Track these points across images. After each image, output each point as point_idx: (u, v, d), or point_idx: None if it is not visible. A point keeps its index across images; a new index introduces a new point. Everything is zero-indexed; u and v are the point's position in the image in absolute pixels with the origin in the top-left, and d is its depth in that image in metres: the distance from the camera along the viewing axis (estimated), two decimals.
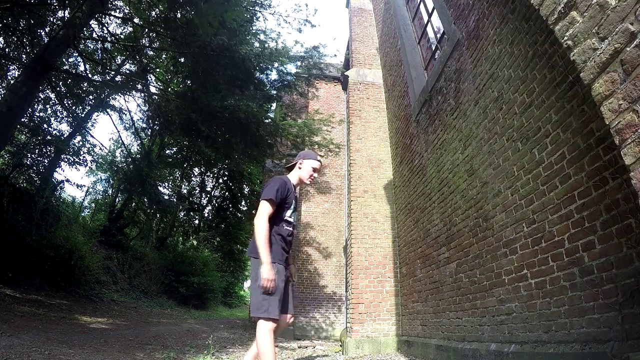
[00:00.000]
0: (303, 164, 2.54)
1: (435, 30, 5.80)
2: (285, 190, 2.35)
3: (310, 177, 2.53)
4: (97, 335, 4.92)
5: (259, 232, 2.14)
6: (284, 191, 2.34)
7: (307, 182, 2.56)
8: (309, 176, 2.53)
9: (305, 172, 2.52)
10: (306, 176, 2.52)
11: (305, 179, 2.53)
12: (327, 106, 11.61)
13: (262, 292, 2.10)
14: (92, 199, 21.23)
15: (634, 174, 0.96)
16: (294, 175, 2.56)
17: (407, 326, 5.19)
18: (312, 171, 2.53)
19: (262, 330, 2.11)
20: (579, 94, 2.20)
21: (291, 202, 2.42)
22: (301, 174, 2.54)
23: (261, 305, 2.10)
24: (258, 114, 7.50)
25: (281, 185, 2.33)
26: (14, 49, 8.38)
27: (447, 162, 4.26)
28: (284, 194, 2.33)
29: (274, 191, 2.27)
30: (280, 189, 2.30)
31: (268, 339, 2.09)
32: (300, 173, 2.54)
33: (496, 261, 3.05)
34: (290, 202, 2.40)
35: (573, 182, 2.23)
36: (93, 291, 9.49)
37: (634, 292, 1.73)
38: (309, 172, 2.52)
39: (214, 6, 5.39)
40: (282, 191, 2.32)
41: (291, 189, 2.44)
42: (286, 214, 2.39)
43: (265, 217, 2.20)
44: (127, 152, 13.53)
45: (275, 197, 2.25)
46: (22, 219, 8.46)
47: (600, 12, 1.08)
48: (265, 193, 2.28)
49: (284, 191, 2.34)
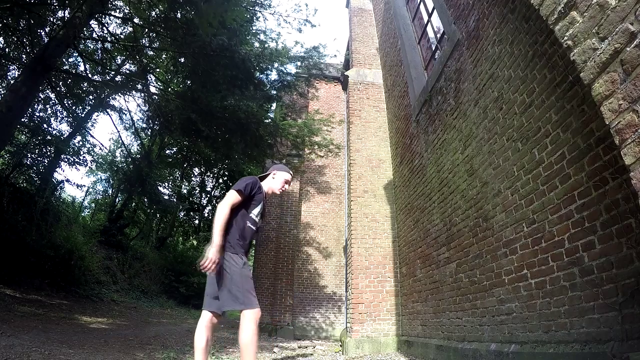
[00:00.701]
0: (276, 175, 2.71)
1: (435, 30, 5.80)
2: (256, 187, 2.49)
3: (281, 188, 2.69)
4: (97, 335, 4.92)
5: (217, 216, 2.26)
6: (254, 188, 2.47)
7: (277, 193, 2.72)
8: (280, 187, 2.68)
9: (278, 182, 2.68)
10: (278, 186, 2.68)
11: (277, 189, 2.69)
12: (327, 106, 11.61)
13: (238, 286, 2.22)
14: (92, 199, 21.24)
15: (634, 174, 0.96)
16: (266, 184, 2.69)
17: (407, 326, 5.19)
18: (284, 183, 2.69)
19: (255, 321, 2.21)
20: (579, 94, 2.20)
21: (259, 201, 2.53)
22: (273, 185, 2.70)
23: (246, 299, 2.21)
24: (258, 114, 7.50)
25: (253, 182, 2.48)
26: (14, 49, 8.38)
27: (447, 162, 4.26)
28: (253, 190, 2.46)
29: (244, 184, 2.40)
30: (251, 185, 2.44)
31: (256, 330, 2.22)
32: (273, 183, 2.70)
33: (496, 261, 3.05)
34: (258, 200, 2.52)
35: (573, 182, 2.23)
36: (93, 291, 9.49)
37: (634, 292, 1.73)
38: (281, 184, 2.68)
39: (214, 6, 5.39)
40: (252, 187, 2.45)
41: (262, 190, 2.57)
42: (253, 211, 2.50)
43: (229, 205, 2.30)
44: (127, 152, 13.54)
45: (244, 189, 2.38)
46: (22, 219, 8.45)
47: (600, 12, 1.08)
48: (235, 185, 2.42)
49: (254, 188, 2.47)
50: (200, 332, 2.27)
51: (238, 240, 2.35)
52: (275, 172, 2.71)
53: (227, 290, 2.22)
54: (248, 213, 2.45)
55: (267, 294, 9.63)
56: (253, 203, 2.48)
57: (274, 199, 10.96)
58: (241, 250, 2.36)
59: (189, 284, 14.53)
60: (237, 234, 2.36)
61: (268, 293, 9.59)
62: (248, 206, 2.46)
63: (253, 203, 2.48)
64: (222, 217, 2.25)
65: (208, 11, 5.36)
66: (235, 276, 2.24)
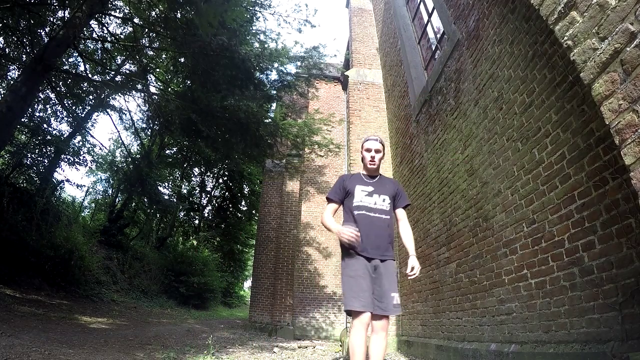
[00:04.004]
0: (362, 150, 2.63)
1: (435, 30, 5.80)
2: (341, 183, 2.53)
3: (369, 161, 2.45)
4: (97, 335, 4.92)
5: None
6: (339, 184, 2.53)
7: (369, 167, 2.47)
8: (366, 160, 2.46)
9: (364, 157, 2.50)
10: (366, 160, 2.47)
11: (367, 163, 2.47)
12: (327, 106, 11.60)
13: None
14: (92, 199, 21.21)
15: (634, 174, 0.96)
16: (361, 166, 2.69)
17: (407, 326, 5.18)
18: (365, 152, 2.48)
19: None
20: (579, 94, 2.20)
21: (352, 188, 2.48)
22: (363, 162, 2.55)
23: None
24: (258, 114, 7.50)
25: (336, 183, 2.55)
26: (14, 49, 8.37)
27: (447, 162, 4.26)
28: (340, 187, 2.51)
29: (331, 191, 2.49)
30: (335, 186, 2.53)
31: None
32: (363, 161, 2.58)
33: (496, 261, 3.05)
34: (352, 188, 2.51)
35: (573, 182, 2.23)
36: (93, 291, 9.49)
37: (634, 292, 1.73)
38: (365, 156, 2.47)
39: (214, 6, 5.38)
40: (336, 186, 2.52)
41: (349, 178, 2.56)
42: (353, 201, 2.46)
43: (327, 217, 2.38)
44: (127, 152, 13.54)
45: (329, 195, 2.48)
46: (22, 219, 8.45)
47: (600, 12, 1.08)
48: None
49: (339, 184, 2.53)
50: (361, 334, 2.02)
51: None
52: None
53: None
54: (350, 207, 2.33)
55: (267, 294, 9.63)
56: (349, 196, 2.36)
57: (274, 199, 10.97)
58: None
59: (189, 284, 14.52)
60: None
61: (268, 293, 9.59)
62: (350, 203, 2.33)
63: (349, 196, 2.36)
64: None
65: (208, 11, 5.35)
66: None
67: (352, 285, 2.07)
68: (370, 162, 2.40)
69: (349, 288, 2.07)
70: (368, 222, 2.21)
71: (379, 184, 2.39)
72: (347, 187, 2.36)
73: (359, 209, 2.26)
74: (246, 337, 7.02)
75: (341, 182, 2.42)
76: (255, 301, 9.83)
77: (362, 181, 2.39)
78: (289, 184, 10.39)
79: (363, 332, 1.98)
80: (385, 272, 2.14)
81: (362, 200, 2.28)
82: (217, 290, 17.44)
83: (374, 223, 2.22)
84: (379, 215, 2.25)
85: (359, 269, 2.10)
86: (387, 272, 2.15)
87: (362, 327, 1.98)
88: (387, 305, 2.06)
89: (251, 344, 5.79)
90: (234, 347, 5.17)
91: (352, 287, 2.06)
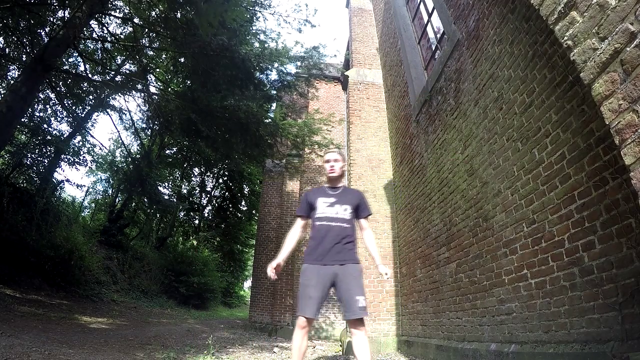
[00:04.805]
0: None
1: (435, 30, 5.80)
2: (305, 198, 2.72)
3: (328, 171, 2.61)
4: (97, 335, 4.92)
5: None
6: (303, 199, 2.71)
7: (330, 177, 2.62)
8: (326, 170, 2.62)
9: (325, 168, 2.67)
10: (326, 171, 2.64)
11: (327, 173, 2.63)
12: (327, 106, 11.60)
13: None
14: (92, 199, 21.22)
15: (634, 174, 0.96)
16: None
17: (407, 326, 5.19)
18: (325, 163, 2.65)
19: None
20: (579, 94, 2.20)
21: (314, 200, 2.66)
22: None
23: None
24: (258, 114, 7.50)
25: (302, 197, 2.73)
26: (14, 49, 8.37)
27: (447, 162, 4.26)
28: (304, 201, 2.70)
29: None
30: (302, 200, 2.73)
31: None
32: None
33: (496, 261, 3.05)
34: (313, 201, 2.68)
35: (573, 182, 2.23)
36: (93, 291, 9.49)
37: (634, 292, 1.73)
38: (325, 168, 2.63)
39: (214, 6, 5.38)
40: (302, 201, 2.71)
41: (313, 192, 2.74)
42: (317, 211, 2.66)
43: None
44: (127, 152, 13.54)
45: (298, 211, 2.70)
46: (22, 219, 8.45)
47: (600, 12, 1.08)
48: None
49: (303, 199, 2.71)
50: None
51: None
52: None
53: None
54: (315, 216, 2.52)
55: (267, 294, 9.63)
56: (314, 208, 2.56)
57: (274, 199, 10.97)
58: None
59: (189, 284, 14.52)
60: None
61: (268, 293, 9.59)
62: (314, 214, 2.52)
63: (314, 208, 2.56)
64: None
65: (208, 11, 5.35)
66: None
67: (303, 293, 2.29)
68: (330, 171, 2.55)
69: (300, 295, 2.32)
70: (328, 231, 2.37)
71: (342, 194, 2.54)
72: (310, 201, 2.54)
73: (320, 220, 2.43)
74: (246, 337, 7.02)
75: (305, 198, 2.60)
76: (255, 301, 9.83)
77: (324, 193, 2.55)
78: (289, 184, 10.39)
79: (300, 334, 2.24)
80: (345, 276, 2.29)
81: (324, 211, 2.44)
82: (217, 290, 17.44)
83: (334, 231, 2.37)
84: (339, 224, 2.40)
85: (312, 278, 2.30)
86: (349, 276, 2.29)
87: (299, 330, 2.24)
88: (354, 309, 2.22)
89: (251, 344, 5.79)
90: (234, 347, 5.17)
91: (302, 295, 2.29)
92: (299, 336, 2.24)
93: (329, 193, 2.54)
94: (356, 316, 2.21)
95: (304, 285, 2.31)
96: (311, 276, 2.30)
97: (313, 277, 2.29)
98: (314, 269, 2.32)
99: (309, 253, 2.40)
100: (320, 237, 2.37)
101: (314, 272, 2.31)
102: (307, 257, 2.41)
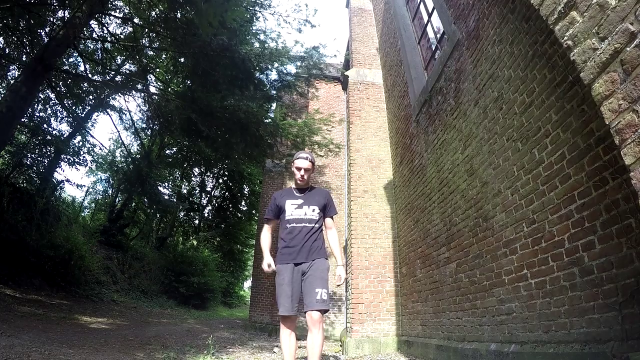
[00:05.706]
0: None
1: (435, 30, 5.80)
2: (274, 200, 2.85)
3: (298, 177, 2.66)
4: (97, 335, 4.92)
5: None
6: (273, 201, 2.80)
7: (299, 182, 2.68)
8: (296, 177, 2.67)
9: (295, 174, 2.72)
10: (296, 177, 2.68)
11: (297, 179, 2.68)
12: (327, 106, 11.60)
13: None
14: (92, 199, 21.22)
15: (634, 174, 0.96)
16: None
17: (407, 326, 5.19)
18: (296, 170, 2.67)
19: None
20: (579, 94, 2.20)
21: (283, 203, 2.78)
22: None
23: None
24: (258, 114, 7.50)
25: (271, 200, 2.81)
26: (14, 49, 8.37)
27: (447, 162, 4.26)
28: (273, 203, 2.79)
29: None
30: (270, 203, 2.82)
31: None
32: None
33: (496, 261, 3.05)
34: (282, 203, 2.81)
35: (573, 182, 2.23)
36: (93, 291, 9.49)
37: (634, 292, 1.73)
38: (295, 173, 2.67)
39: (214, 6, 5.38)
40: (271, 203, 2.78)
41: (281, 195, 2.84)
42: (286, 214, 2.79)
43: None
44: (127, 152, 13.54)
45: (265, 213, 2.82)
46: (22, 219, 8.45)
47: (600, 12, 1.08)
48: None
49: (273, 201, 2.80)
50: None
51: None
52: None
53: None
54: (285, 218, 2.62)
55: (267, 293, 9.63)
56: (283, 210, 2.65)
57: None
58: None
59: (189, 284, 14.51)
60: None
61: (268, 293, 9.58)
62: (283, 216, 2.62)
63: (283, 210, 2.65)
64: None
65: (208, 11, 5.35)
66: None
67: (279, 292, 2.42)
68: (300, 180, 2.64)
69: (277, 294, 2.44)
70: (297, 232, 2.49)
71: (309, 196, 2.64)
72: (279, 204, 2.64)
73: (289, 222, 2.55)
74: (246, 337, 7.02)
75: (274, 201, 2.70)
76: (255, 301, 9.83)
77: (292, 195, 2.65)
78: (289, 184, 10.39)
79: (286, 333, 2.37)
80: (312, 271, 2.41)
81: (292, 213, 2.56)
82: (217, 290, 17.44)
83: (303, 232, 2.49)
84: (307, 225, 2.52)
85: (285, 277, 2.43)
86: (314, 271, 2.40)
87: (284, 329, 2.38)
88: (310, 301, 2.31)
89: (251, 344, 5.79)
90: (234, 347, 5.18)
91: (278, 294, 2.42)
92: (286, 335, 2.35)
93: (296, 195, 2.63)
94: (313, 307, 2.28)
95: (278, 285, 2.44)
96: (285, 275, 2.43)
97: (286, 276, 2.41)
98: (286, 268, 2.44)
99: (281, 254, 2.51)
100: (290, 238, 2.49)
101: (287, 271, 2.43)
102: (279, 258, 2.52)
